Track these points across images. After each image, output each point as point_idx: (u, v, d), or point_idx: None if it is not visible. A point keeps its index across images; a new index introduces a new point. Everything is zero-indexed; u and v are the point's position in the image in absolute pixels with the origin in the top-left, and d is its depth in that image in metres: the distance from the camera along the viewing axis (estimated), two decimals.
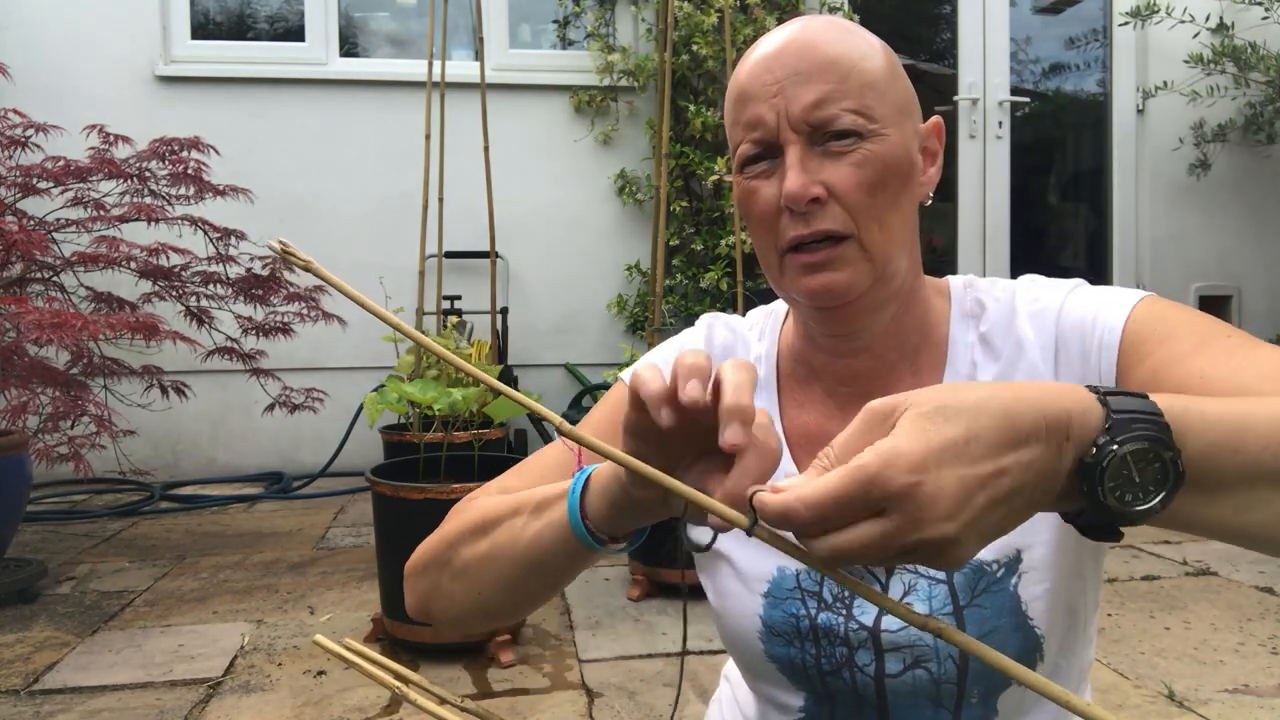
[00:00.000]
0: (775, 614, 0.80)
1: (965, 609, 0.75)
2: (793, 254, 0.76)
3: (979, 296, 0.82)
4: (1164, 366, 0.69)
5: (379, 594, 2.33)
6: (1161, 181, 4.64)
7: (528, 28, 4.57)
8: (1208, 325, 0.71)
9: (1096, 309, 0.75)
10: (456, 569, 0.75)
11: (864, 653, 0.77)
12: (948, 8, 4.72)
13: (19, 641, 2.37)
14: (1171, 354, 0.69)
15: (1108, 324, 0.73)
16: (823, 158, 0.74)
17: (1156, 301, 0.74)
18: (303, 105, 4.22)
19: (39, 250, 2.78)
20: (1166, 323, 0.72)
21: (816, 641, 0.79)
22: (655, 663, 2.22)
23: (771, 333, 0.91)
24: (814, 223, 0.74)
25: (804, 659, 0.79)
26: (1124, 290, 0.76)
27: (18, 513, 2.84)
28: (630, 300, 4.38)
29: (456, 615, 0.78)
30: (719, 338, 0.92)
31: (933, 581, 0.77)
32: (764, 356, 0.89)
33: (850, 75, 0.74)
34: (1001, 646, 0.73)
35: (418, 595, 0.80)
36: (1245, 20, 4.21)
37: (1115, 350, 0.72)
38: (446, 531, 0.78)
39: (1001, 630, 0.74)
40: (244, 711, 1.99)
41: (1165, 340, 0.70)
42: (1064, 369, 0.76)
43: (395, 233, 4.07)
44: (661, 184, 2.99)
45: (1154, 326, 0.72)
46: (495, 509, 0.74)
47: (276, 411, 3.33)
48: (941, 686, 0.76)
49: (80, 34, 4.06)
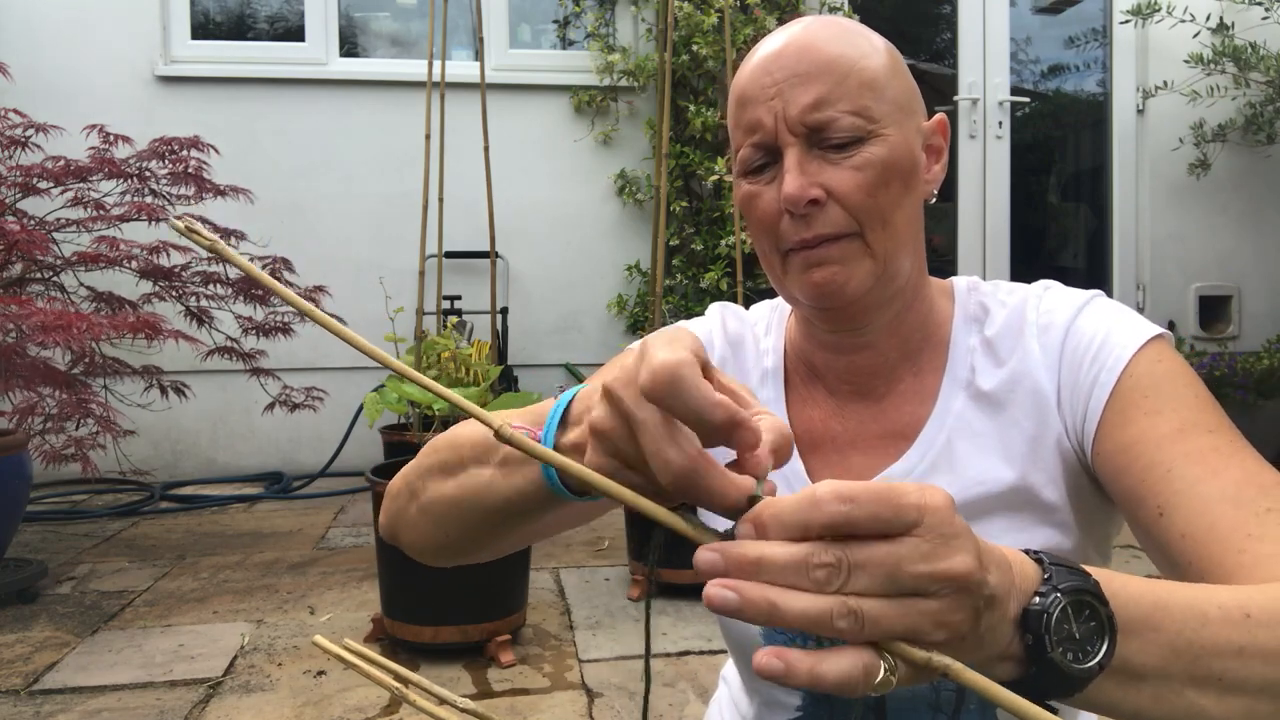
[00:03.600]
0: None
1: None
2: (794, 252, 0.75)
3: (983, 300, 0.82)
4: (1139, 443, 0.68)
5: (379, 594, 2.33)
6: (1161, 181, 4.64)
7: (528, 28, 4.57)
8: (1195, 411, 0.69)
9: (1104, 338, 0.74)
10: (423, 503, 0.72)
11: None
12: (948, 8, 4.72)
13: (19, 641, 2.37)
14: (1152, 432, 0.68)
15: (1107, 363, 0.72)
16: (822, 160, 0.73)
17: (1162, 356, 0.72)
18: (303, 105, 4.22)
19: (39, 250, 2.78)
20: (1160, 394, 0.70)
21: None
22: (655, 662, 2.22)
23: (778, 328, 0.90)
24: (814, 226, 0.73)
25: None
26: (1136, 321, 0.75)
27: (18, 513, 2.84)
28: (630, 300, 4.38)
29: (422, 548, 0.75)
30: (731, 327, 0.91)
31: None
32: (772, 349, 0.89)
33: (848, 75, 0.73)
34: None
35: (389, 517, 0.77)
36: (1245, 20, 4.20)
37: (1108, 393, 0.71)
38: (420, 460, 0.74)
39: None
40: (244, 711, 1.99)
41: (1151, 414, 0.69)
42: (1065, 391, 0.75)
43: (395, 233, 4.07)
44: (661, 184, 2.99)
45: (1147, 392, 0.70)
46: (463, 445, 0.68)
47: (276, 411, 3.33)
48: (940, 693, 0.75)
49: (80, 34, 4.06)
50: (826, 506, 0.41)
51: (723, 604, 0.41)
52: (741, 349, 0.91)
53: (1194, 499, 0.63)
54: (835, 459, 0.83)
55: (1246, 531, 0.60)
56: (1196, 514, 0.62)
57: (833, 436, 0.83)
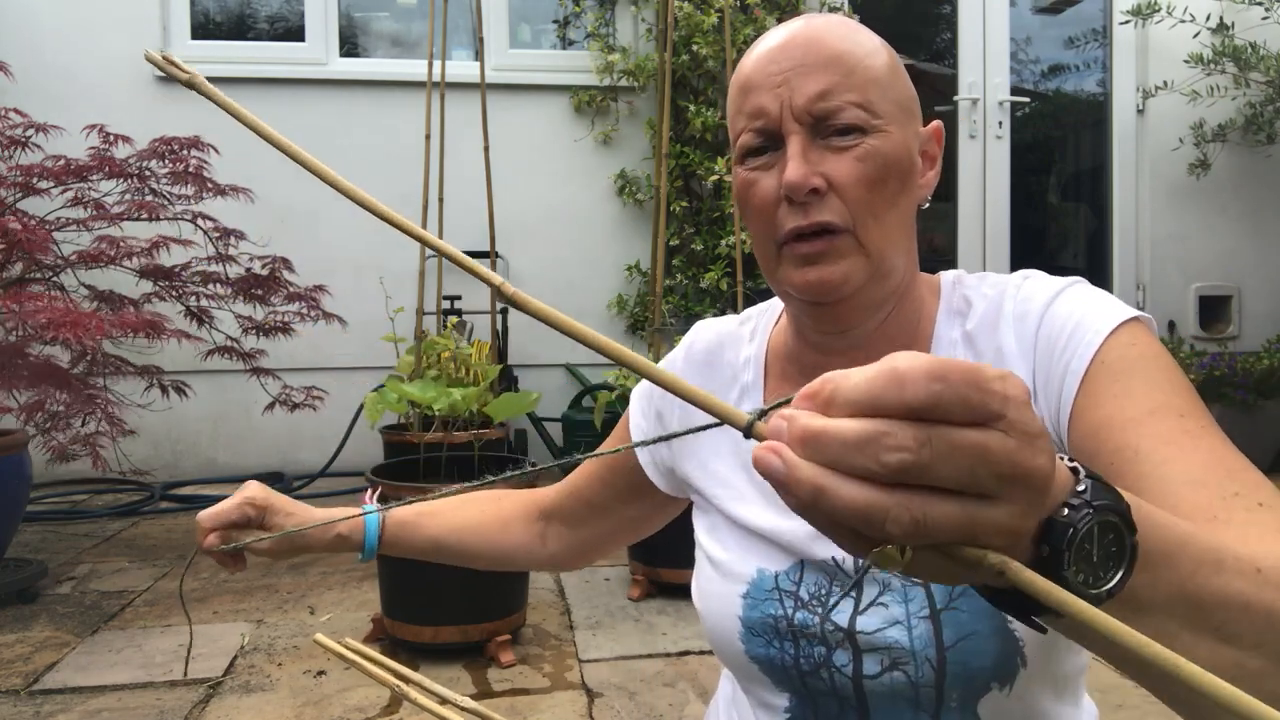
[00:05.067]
0: (754, 614, 0.81)
1: (942, 612, 0.74)
2: (789, 245, 0.75)
3: (966, 293, 0.82)
4: (1108, 426, 0.67)
5: (379, 594, 2.33)
6: (1161, 181, 4.64)
7: (528, 28, 4.57)
8: (1167, 394, 0.67)
9: (1077, 322, 0.72)
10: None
11: (841, 653, 0.77)
12: (948, 8, 4.72)
13: (19, 641, 2.37)
14: (1121, 414, 0.67)
15: (1079, 349, 0.71)
16: (824, 150, 0.74)
17: (1136, 340, 0.71)
18: (303, 105, 4.22)
19: (40, 249, 2.78)
20: (1132, 376, 0.69)
21: (795, 641, 0.79)
22: (655, 663, 2.22)
23: (763, 332, 0.91)
24: (812, 214, 0.74)
25: (783, 659, 0.79)
26: (1111, 305, 0.73)
27: (18, 513, 2.84)
28: (630, 300, 4.38)
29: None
30: (699, 348, 0.93)
31: (909, 584, 0.76)
32: (752, 359, 0.89)
33: (855, 70, 0.74)
34: (979, 651, 0.73)
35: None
36: (1245, 20, 4.21)
37: (1079, 379, 0.70)
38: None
39: (980, 634, 0.73)
40: (244, 711, 1.99)
41: (1121, 397, 0.68)
42: (1040, 378, 0.74)
43: (395, 233, 4.03)
44: (661, 184, 2.99)
45: (1119, 375, 0.69)
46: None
47: (277, 411, 3.33)
48: (920, 690, 0.75)
49: (80, 34, 4.06)
50: (914, 385, 0.35)
51: (767, 468, 0.36)
52: (715, 365, 0.92)
53: (1159, 481, 0.62)
54: None
55: (1211, 514, 0.59)
56: (1161, 496, 0.61)
57: None
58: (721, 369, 0.91)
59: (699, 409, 0.41)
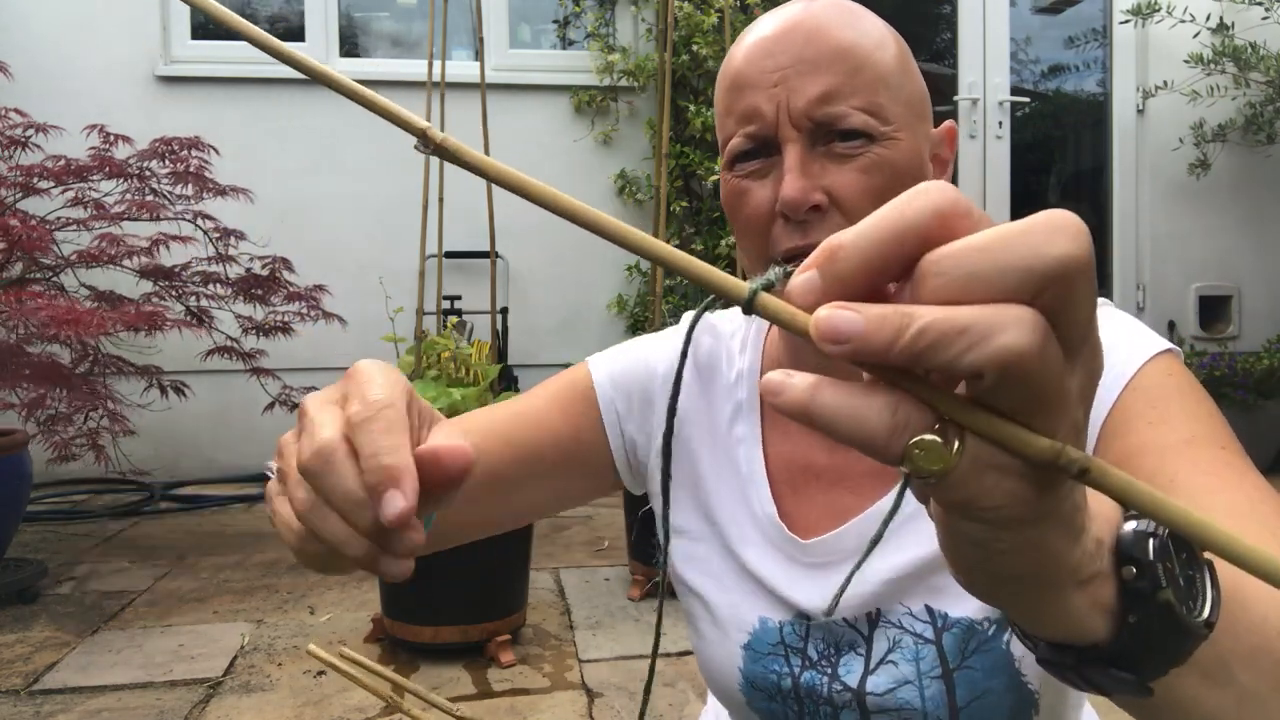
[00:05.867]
0: (756, 669, 0.75)
1: (955, 671, 0.69)
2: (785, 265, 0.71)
3: None
4: (1142, 452, 0.60)
5: (379, 594, 2.33)
6: (1161, 181, 4.64)
7: (528, 28, 4.57)
8: (1205, 424, 0.61)
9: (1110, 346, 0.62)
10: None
11: (849, 713, 0.72)
12: (948, 8, 4.72)
13: (19, 641, 2.37)
14: (1156, 440, 0.60)
15: (1107, 380, 0.63)
16: (825, 159, 0.66)
17: (1172, 370, 0.65)
18: (303, 105, 4.22)
19: (41, 249, 2.79)
20: (1169, 404, 0.62)
21: (799, 700, 0.74)
22: (655, 662, 2.22)
23: (754, 347, 0.81)
24: (811, 234, 0.65)
25: (786, 715, 0.75)
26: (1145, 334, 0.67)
27: (18, 513, 2.84)
28: (630, 300, 4.38)
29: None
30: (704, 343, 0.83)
31: (920, 641, 0.70)
32: (745, 374, 0.80)
33: (862, 68, 0.66)
34: (994, 708, 0.69)
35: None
36: (1245, 20, 4.20)
37: (1108, 409, 0.63)
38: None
39: (994, 691, 0.68)
40: (244, 711, 1.99)
41: (1157, 424, 0.61)
42: None
43: (395, 233, 4.07)
44: (661, 184, 2.99)
45: (1155, 403, 0.63)
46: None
47: (277, 411, 3.33)
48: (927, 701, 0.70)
49: (81, 34, 4.06)
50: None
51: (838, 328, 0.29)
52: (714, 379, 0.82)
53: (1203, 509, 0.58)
54: (820, 499, 0.76)
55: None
56: None
57: (816, 474, 0.76)
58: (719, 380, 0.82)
59: (698, 284, 0.34)
